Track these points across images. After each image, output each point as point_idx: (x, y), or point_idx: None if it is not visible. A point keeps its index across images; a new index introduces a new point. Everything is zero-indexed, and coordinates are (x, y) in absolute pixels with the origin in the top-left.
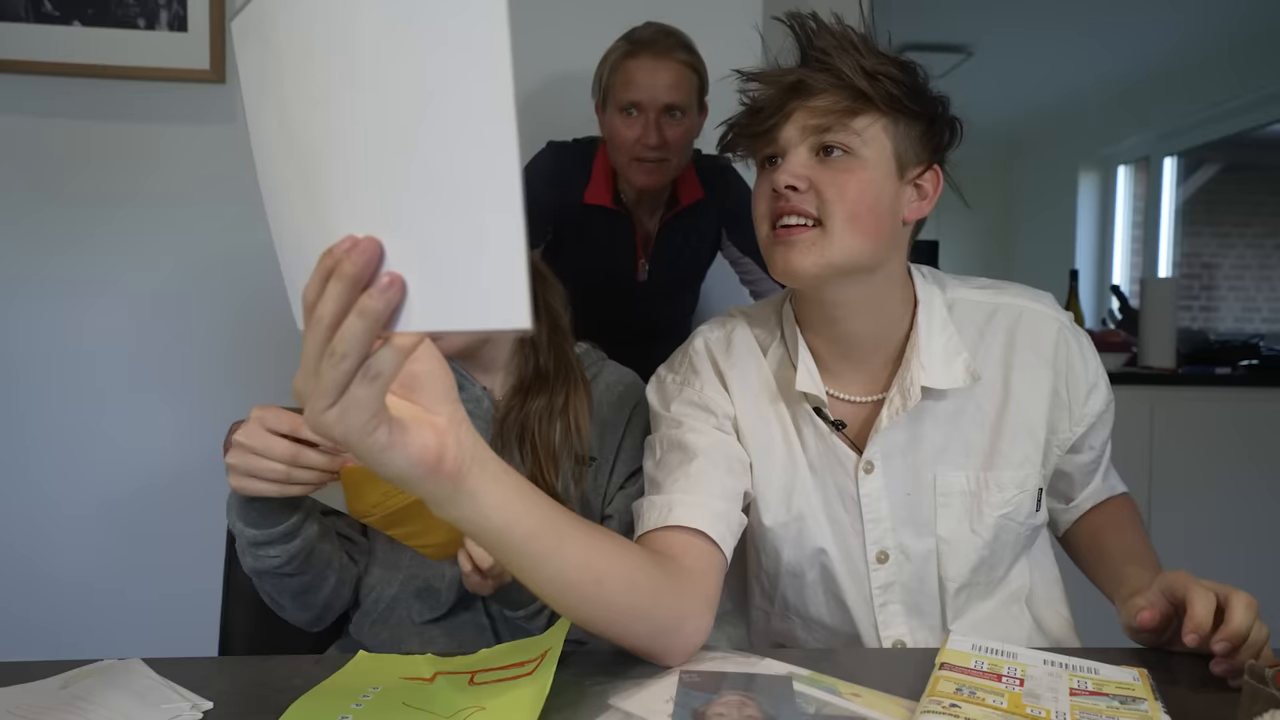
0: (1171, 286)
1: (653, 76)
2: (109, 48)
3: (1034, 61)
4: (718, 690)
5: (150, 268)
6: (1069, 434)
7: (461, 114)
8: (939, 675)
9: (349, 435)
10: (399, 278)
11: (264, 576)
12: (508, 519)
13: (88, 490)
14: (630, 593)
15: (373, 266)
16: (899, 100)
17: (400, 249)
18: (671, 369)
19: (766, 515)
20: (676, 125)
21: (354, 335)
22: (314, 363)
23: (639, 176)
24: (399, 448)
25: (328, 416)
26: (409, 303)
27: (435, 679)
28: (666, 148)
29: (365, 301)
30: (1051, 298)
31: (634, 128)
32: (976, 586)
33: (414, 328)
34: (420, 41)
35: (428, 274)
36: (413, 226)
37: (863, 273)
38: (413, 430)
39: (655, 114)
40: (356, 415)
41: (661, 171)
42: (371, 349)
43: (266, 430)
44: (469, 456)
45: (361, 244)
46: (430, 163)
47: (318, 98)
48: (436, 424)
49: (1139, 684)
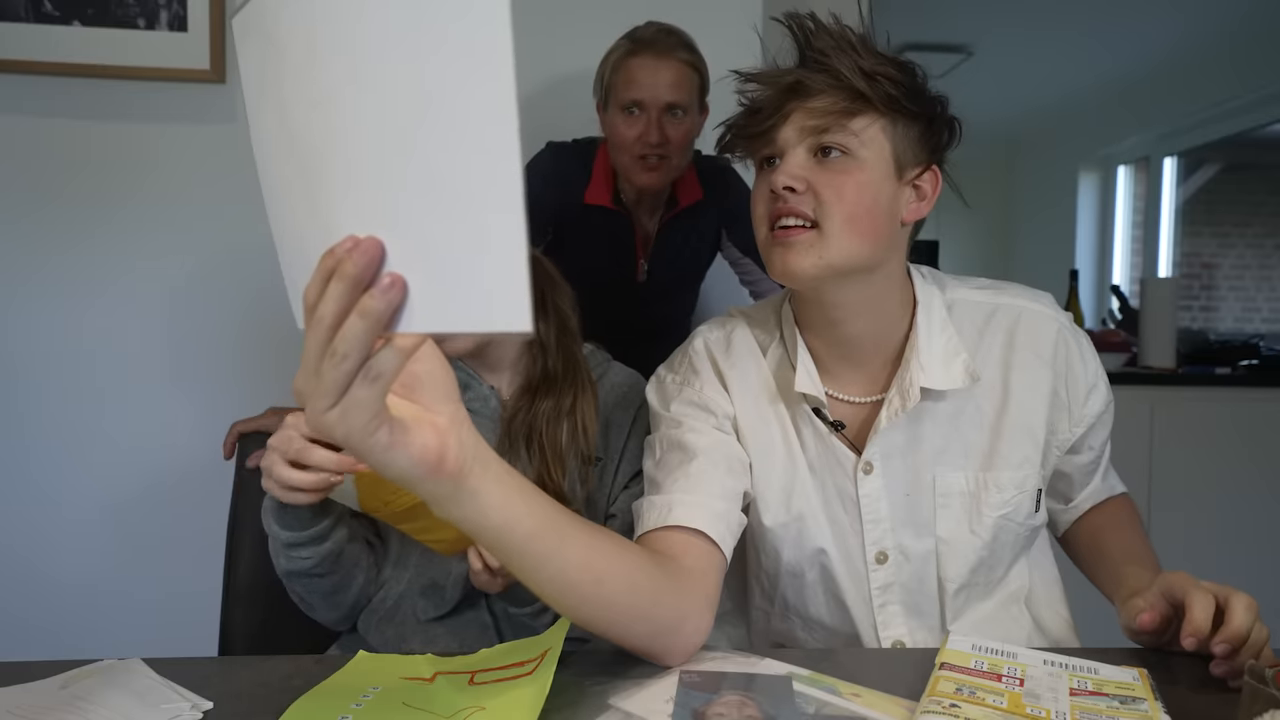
0: (1171, 286)
1: (655, 75)
2: (109, 48)
3: (1034, 61)
4: (718, 690)
5: (150, 268)
6: (1068, 435)
7: (463, 116)
8: (939, 675)
9: (350, 435)
10: (400, 278)
11: (296, 578)
12: (508, 519)
13: (87, 490)
14: (631, 593)
15: (374, 267)
16: (897, 101)
17: (402, 249)
18: (671, 369)
19: (766, 515)
20: (678, 124)
21: (355, 336)
22: (315, 363)
23: (640, 175)
24: (400, 448)
25: (329, 417)
26: (410, 304)
27: (435, 679)
28: (668, 146)
29: (366, 302)
30: (1051, 298)
31: (635, 126)
32: (976, 587)
33: (415, 329)
34: (423, 43)
35: (429, 275)
36: (414, 227)
37: (861, 274)
38: (414, 430)
39: (657, 113)
40: (358, 416)
41: (663, 170)
42: (373, 349)
43: (306, 440)
44: (470, 456)
45: (363, 244)
46: (432, 164)
47: (319, 97)
48: (438, 424)
49: (1139, 684)
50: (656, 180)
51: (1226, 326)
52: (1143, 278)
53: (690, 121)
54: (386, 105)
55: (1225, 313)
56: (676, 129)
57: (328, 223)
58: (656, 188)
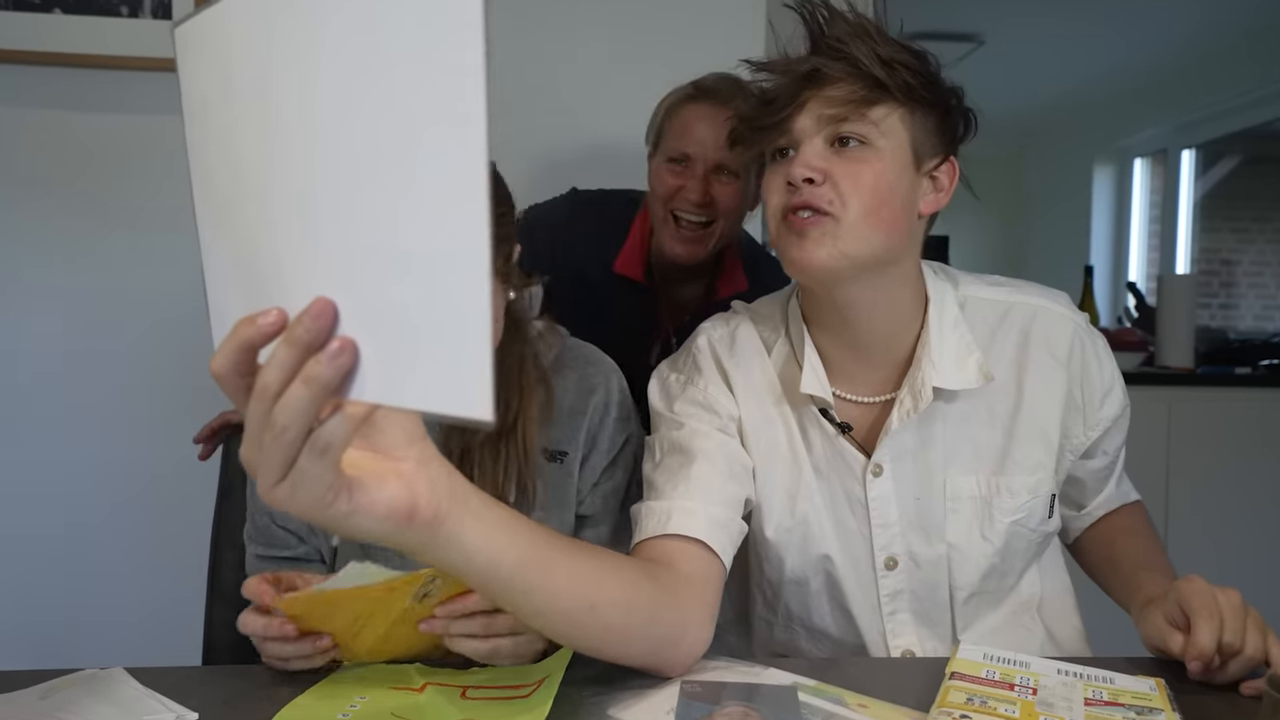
0: (1189, 284)
1: (710, 127)
2: (91, 36)
3: (1047, 51)
4: (719, 701)
5: (136, 262)
6: (1082, 438)
7: (427, 178)
8: (949, 685)
9: (304, 511)
10: (350, 342)
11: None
12: (492, 555)
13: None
14: (626, 614)
15: (326, 333)
16: (915, 90)
17: (355, 310)
18: (674, 367)
19: (770, 520)
20: (726, 187)
21: (297, 405)
22: (257, 434)
23: (673, 243)
24: (363, 512)
25: (278, 493)
26: (362, 370)
27: (425, 689)
28: (712, 209)
29: (312, 369)
30: (1067, 297)
31: (679, 179)
32: (987, 595)
33: (367, 398)
34: (384, 90)
35: (384, 343)
36: (370, 288)
37: (876, 268)
38: (376, 487)
39: (705, 169)
40: (309, 490)
41: (702, 241)
42: (320, 417)
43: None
44: (444, 497)
45: (314, 307)
46: (392, 224)
47: (270, 129)
48: (403, 471)
49: (1156, 694)
50: (691, 254)
51: (1246, 325)
52: (1160, 274)
53: (742, 189)
54: (343, 153)
55: (1245, 311)
56: (724, 191)
57: (276, 264)
58: (690, 262)
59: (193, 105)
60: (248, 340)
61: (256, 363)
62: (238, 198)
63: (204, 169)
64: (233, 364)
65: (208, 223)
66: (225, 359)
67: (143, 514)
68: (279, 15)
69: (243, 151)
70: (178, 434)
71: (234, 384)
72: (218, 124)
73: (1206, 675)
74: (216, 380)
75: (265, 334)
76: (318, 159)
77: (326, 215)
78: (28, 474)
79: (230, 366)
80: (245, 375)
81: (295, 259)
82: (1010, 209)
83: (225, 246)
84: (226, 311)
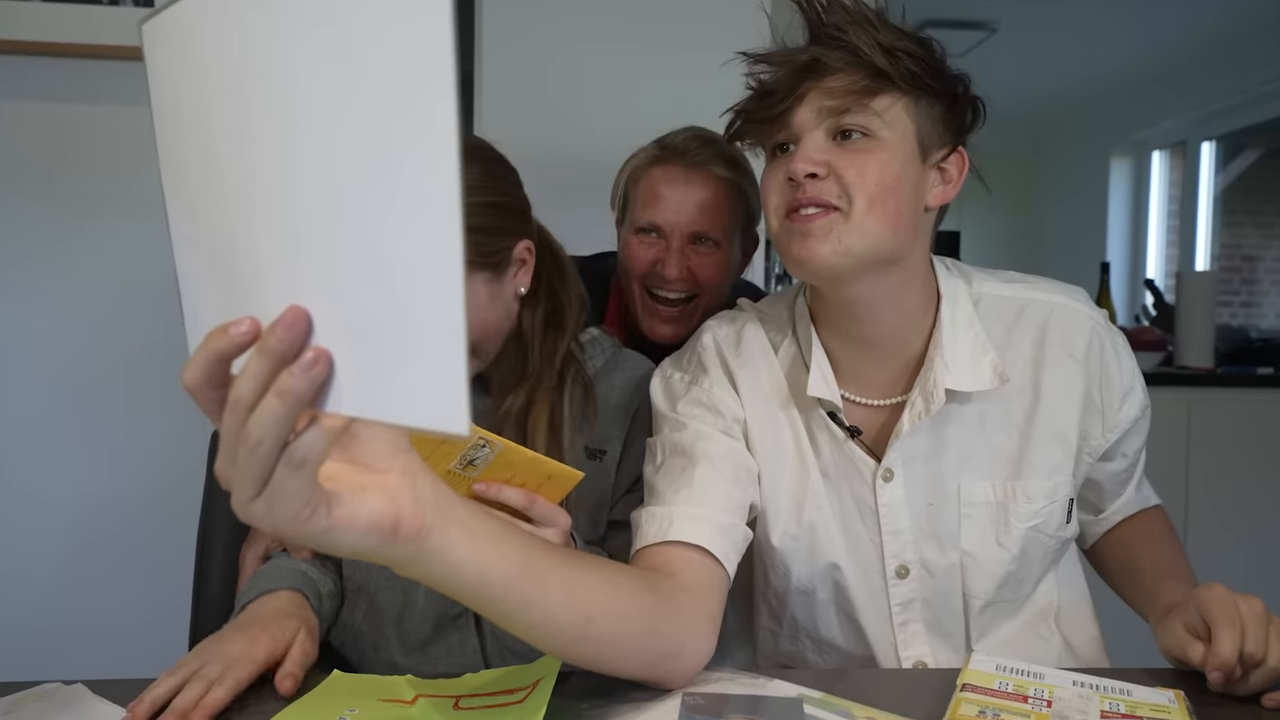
0: (1209, 280)
1: (681, 193)
2: (74, 24)
3: (1062, 38)
4: (722, 713)
5: (125, 257)
6: (1101, 441)
7: (402, 186)
8: (960, 697)
9: (281, 527)
10: (325, 353)
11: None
12: (481, 568)
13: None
14: (624, 627)
15: (300, 343)
16: (919, 78)
17: (330, 320)
18: (679, 366)
19: (776, 527)
20: (706, 258)
21: (270, 418)
22: (232, 448)
23: (653, 323)
24: (343, 527)
25: (254, 509)
26: (338, 381)
27: (416, 701)
28: (693, 282)
29: (286, 380)
30: (1085, 293)
31: (651, 250)
32: (1002, 604)
33: (344, 410)
34: (358, 95)
35: (360, 354)
36: (346, 297)
37: (884, 264)
38: (356, 501)
39: (680, 241)
40: (285, 505)
41: (684, 319)
42: (295, 431)
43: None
44: (429, 510)
45: (288, 316)
46: (366, 232)
47: (244, 130)
48: (386, 484)
49: (1175, 707)
50: (674, 334)
51: (1269, 323)
52: (1179, 271)
53: (725, 257)
54: (319, 158)
55: (1267, 309)
56: (705, 263)
57: (253, 270)
58: (674, 341)
59: (163, 105)
60: (220, 351)
61: (230, 374)
62: (212, 201)
63: (176, 170)
64: (204, 376)
65: (180, 225)
66: (197, 371)
67: (127, 519)
68: (249, 13)
69: (216, 153)
70: (168, 441)
71: (206, 397)
72: (190, 124)
73: (1227, 686)
74: (188, 393)
75: (238, 345)
76: (290, 163)
77: (299, 221)
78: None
79: (202, 379)
80: (218, 388)
81: (271, 266)
82: (1023, 203)
83: (200, 251)
84: (202, 317)
